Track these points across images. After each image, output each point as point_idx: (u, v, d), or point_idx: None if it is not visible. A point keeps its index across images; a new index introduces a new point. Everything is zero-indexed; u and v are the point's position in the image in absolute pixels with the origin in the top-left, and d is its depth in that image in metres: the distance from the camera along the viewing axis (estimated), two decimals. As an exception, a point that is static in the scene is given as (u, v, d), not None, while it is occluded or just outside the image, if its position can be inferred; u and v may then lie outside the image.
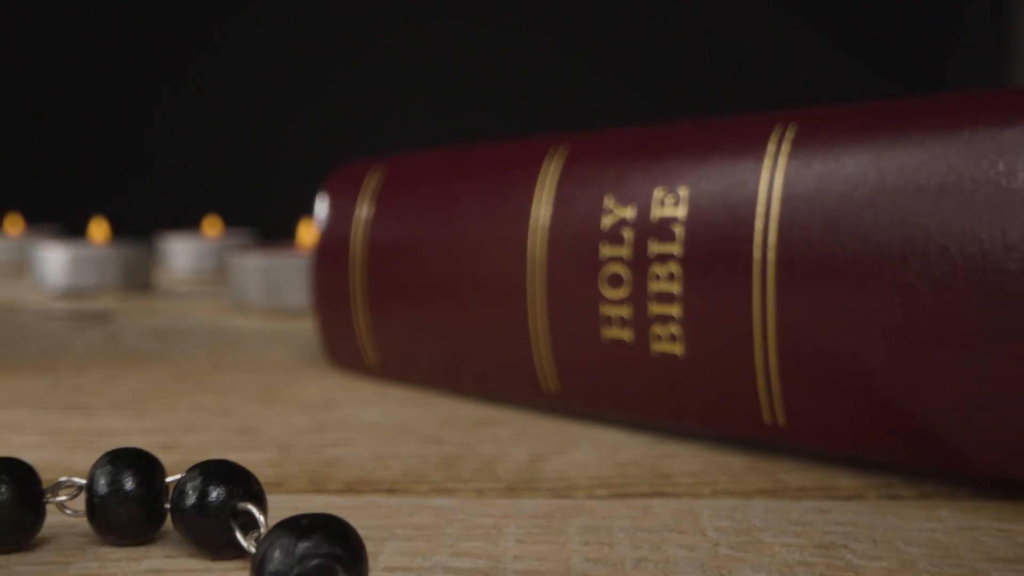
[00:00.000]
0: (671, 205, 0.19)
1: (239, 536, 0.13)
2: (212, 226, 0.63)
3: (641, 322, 0.19)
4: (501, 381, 0.23)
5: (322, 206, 0.27)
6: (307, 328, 0.36)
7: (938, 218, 0.16)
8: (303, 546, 0.10)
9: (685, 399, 0.19)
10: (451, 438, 0.20)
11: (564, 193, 0.21)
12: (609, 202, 0.20)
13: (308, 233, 0.44)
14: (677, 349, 0.19)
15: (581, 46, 1.13)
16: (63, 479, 0.14)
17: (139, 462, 0.13)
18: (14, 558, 0.13)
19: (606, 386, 0.21)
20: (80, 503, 0.14)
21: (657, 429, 0.21)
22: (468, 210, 0.23)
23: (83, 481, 0.14)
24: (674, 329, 0.19)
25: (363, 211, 0.25)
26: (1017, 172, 0.15)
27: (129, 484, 0.13)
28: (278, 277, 0.39)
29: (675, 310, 0.19)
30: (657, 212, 0.19)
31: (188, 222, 0.67)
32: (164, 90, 1.10)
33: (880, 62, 1.13)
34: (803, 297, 0.17)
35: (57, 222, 0.71)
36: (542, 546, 0.14)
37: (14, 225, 0.66)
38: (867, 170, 0.17)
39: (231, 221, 0.68)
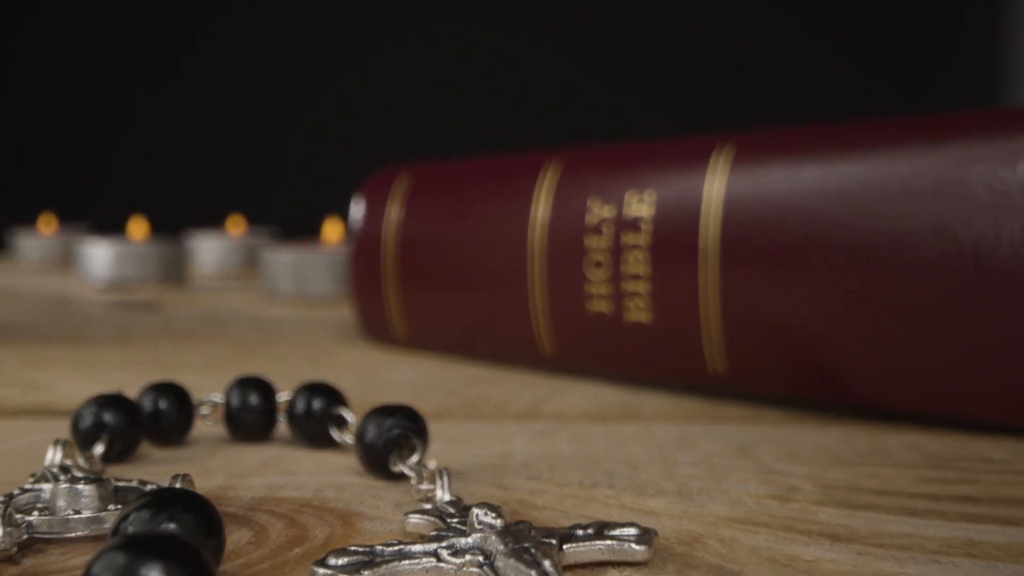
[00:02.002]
0: (640, 206, 0.25)
1: (334, 432, 0.19)
2: (236, 225, 0.69)
3: (617, 297, 0.26)
4: (508, 347, 0.29)
5: (358, 207, 0.33)
6: (335, 314, 0.42)
7: (835, 215, 0.22)
8: (389, 421, 0.17)
9: (651, 356, 0.26)
10: (470, 390, 0.27)
11: (558, 196, 0.27)
12: (593, 204, 0.26)
13: (333, 230, 0.50)
14: (645, 318, 0.25)
15: (581, 45, 1.19)
16: (205, 397, 0.20)
17: (259, 384, 0.20)
18: (175, 450, 0.19)
19: (591, 348, 0.27)
20: (209, 417, 0.20)
21: (631, 381, 0.27)
22: (481, 210, 0.29)
23: (218, 399, 0.20)
24: (642, 302, 0.25)
25: (393, 212, 0.32)
26: (892, 180, 0.22)
27: (254, 399, 0.20)
28: (306, 270, 0.46)
29: (643, 287, 0.25)
30: (629, 211, 0.25)
31: (213, 221, 0.73)
32: (183, 97, 1.16)
33: (878, 63, 1.19)
34: (738, 276, 0.23)
35: (85, 221, 0.77)
36: (541, 445, 0.20)
37: (47, 224, 0.72)
38: (786, 180, 0.23)
39: (252, 220, 0.74)
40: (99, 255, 0.53)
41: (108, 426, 0.18)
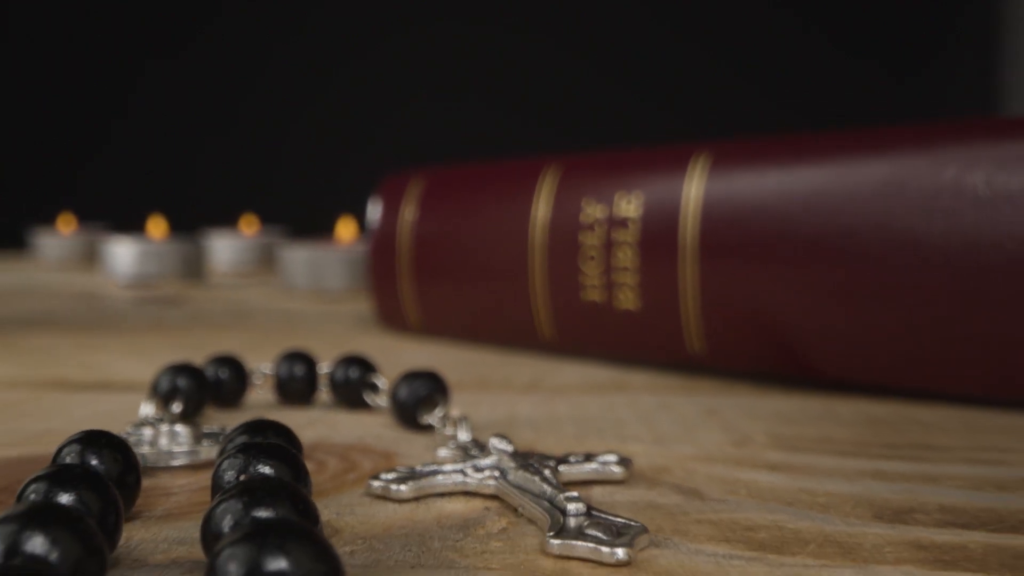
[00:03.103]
0: (628, 207, 0.29)
1: (367, 397, 0.23)
2: (249, 224, 0.73)
3: (608, 287, 0.30)
4: (512, 333, 0.33)
5: (375, 208, 0.37)
6: (350, 306, 0.46)
7: (796, 214, 0.26)
8: (417, 383, 0.21)
9: (638, 339, 0.30)
10: (479, 369, 0.31)
11: (556, 198, 0.31)
12: (587, 204, 0.30)
13: (346, 229, 0.54)
14: (632, 305, 0.29)
15: (579, 48, 1.23)
16: (255, 368, 0.24)
17: (303, 357, 0.24)
18: (233, 412, 0.23)
19: (586, 332, 0.31)
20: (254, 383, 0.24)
21: (621, 360, 0.31)
22: (488, 210, 0.33)
23: (268, 370, 0.24)
24: (630, 292, 0.29)
25: (408, 212, 0.36)
26: (843, 184, 0.26)
27: (299, 370, 0.24)
28: (322, 266, 0.50)
29: (631, 279, 0.29)
30: (619, 212, 0.29)
31: (224, 220, 0.77)
32: (196, 101, 1.20)
33: (875, 61, 1.23)
34: (714, 269, 0.27)
35: (102, 220, 0.81)
36: (542, 409, 0.24)
37: (66, 224, 0.76)
38: (754, 184, 0.27)
39: (263, 219, 0.78)
40: (123, 253, 0.57)
41: (181, 389, 0.22)
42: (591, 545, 0.13)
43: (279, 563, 0.09)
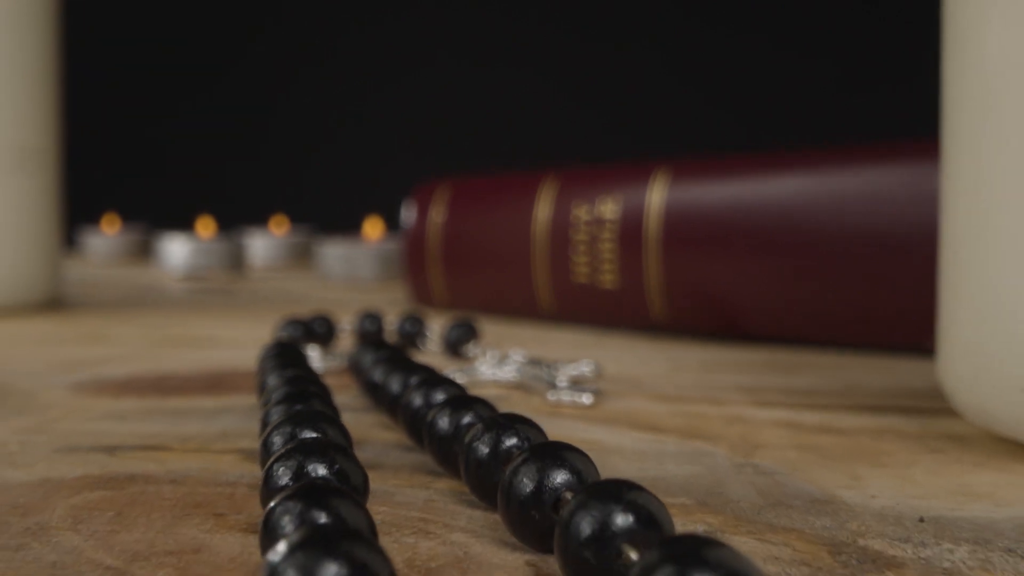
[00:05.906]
0: (607, 210, 0.41)
1: (420, 343, 0.35)
2: (279, 224, 0.85)
3: (594, 272, 0.41)
4: (519, 306, 0.45)
5: (409, 210, 0.49)
6: (383, 294, 0.58)
7: (730, 216, 0.38)
8: (461, 327, 0.32)
9: (616, 310, 0.41)
10: (494, 333, 0.42)
11: (553, 202, 0.43)
12: (576, 208, 0.42)
13: (373, 227, 0.66)
14: (611, 285, 0.41)
15: (574, 77, 1.35)
16: (339, 324, 0.36)
17: (374, 315, 0.35)
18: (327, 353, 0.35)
19: (577, 306, 0.43)
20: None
21: (604, 327, 0.43)
22: (500, 211, 0.45)
23: (348, 325, 0.36)
24: (610, 275, 0.41)
25: (436, 214, 0.47)
26: (761, 193, 0.37)
27: (372, 324, 0.35)
28: (355, 260, 0.61)
29: (609, 265, 0.41)
30: (600, 214, 0.41)
31: (256, 220, 0.89)
32: (221, 110, 1.31)
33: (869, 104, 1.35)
34: (672, 256, 0.39)
35: (143, 220, 0.93)
36: (543, 353, 0.36)
37: (110, 224, 0.87)
38: (700, 192, 0.39)
39: (292, 219, 0.90)
40: (177, 249, 0.69)
41: (292, 336, 0.33)
42: (571, 397, 0.24)
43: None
